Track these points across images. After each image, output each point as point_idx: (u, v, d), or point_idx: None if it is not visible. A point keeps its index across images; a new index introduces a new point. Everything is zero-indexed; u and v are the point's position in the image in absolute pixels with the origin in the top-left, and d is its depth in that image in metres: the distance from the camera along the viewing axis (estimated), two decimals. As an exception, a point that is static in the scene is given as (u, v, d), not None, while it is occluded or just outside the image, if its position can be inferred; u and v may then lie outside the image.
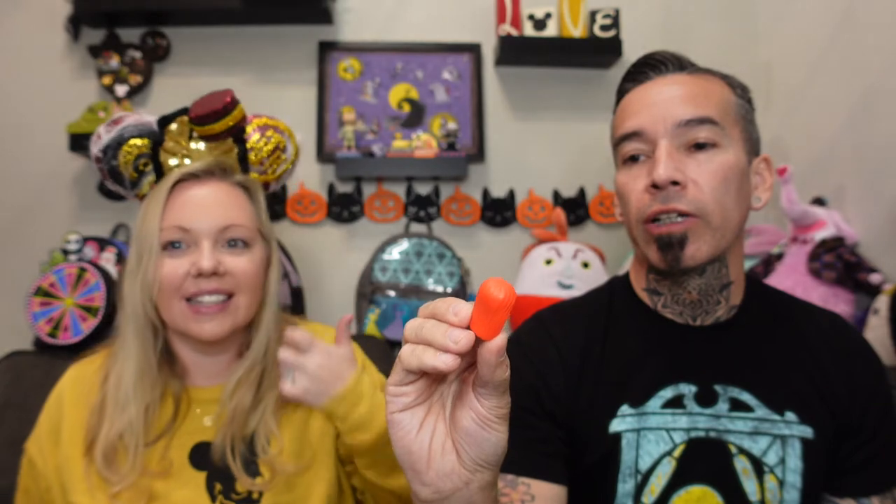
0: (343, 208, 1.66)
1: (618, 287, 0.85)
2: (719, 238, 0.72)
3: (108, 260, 1.47)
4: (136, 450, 0.77)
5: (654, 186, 0.71)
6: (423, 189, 1.69)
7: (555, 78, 1.71)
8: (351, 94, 1.68)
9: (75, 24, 1.61)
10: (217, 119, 0.82)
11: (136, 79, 1.62)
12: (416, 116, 1.69)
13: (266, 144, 0.88)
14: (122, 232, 1.59)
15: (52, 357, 1.22)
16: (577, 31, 1.63)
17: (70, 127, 1.52)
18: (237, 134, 0.86)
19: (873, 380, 0.77)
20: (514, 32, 1.63)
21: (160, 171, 0.86)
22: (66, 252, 1.49)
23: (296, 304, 1.50)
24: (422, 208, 1.67)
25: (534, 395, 0.77)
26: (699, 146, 0.72)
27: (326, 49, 1.68)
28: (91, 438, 0.78)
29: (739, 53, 1.74)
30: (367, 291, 1.57)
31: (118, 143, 0.83)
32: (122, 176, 0.85)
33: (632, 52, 1.63)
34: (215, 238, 0.81)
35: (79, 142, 1.51)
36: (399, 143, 1.61)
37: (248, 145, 0.87)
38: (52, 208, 1.61)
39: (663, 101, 0.73)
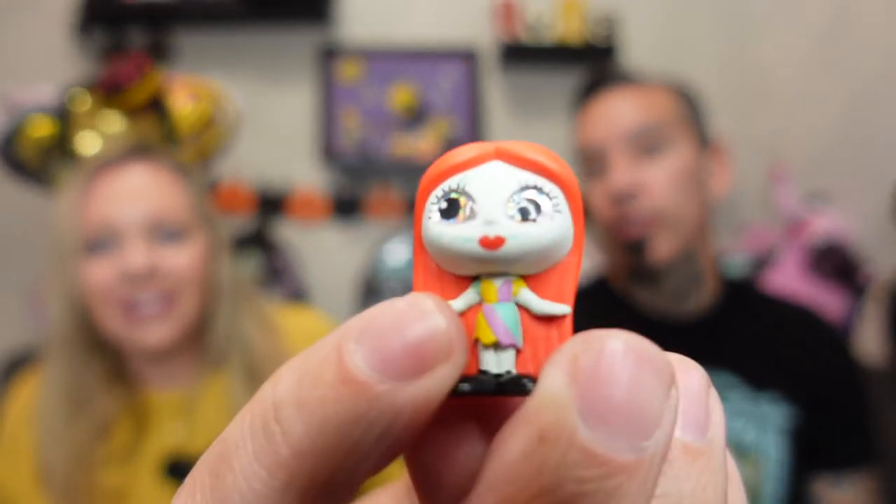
0: (343, 209, 1.67)
1: (596, 286, 0.89)
2: (680, 234, 0.76)
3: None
4: (93, 483, 0.68)
5: (615, 196, 0.76)
6: (422, 190, 1.70)
7: (554, 80, 1.73)
8: (352, 95, 1.69)
9: (78, 25, 1.62)
10: (130, 84, 0.68)
11: (137, 80, 1.63)
12: (416, 117, 1.70)
13: (193, 113, 0.74)
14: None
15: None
16: (575, 34, 1.64)
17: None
18: (159, 106, 0.72)
19: (842, 366, 0.82)
20: (513, 35, 1.64)
21: (73, 157, 0.71)
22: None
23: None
24: (422, 209, 1.68)
25: None
26: (650, 150, 0.77)
27: (327, 50, 1.70)
28: (41, 478, 0.69)
29: (737, 53, 1.75)
30: (367, 292, 1.58)
31: (14, 130, 0.67)
32: (29, 168, 0.69)
33: (631, 55, 1.65)
34: (146, 232, 0.68)
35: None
36: (400, 144, 1.62)
37: (175, 116, 0.74)
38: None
39: (613, 114, 0.79)
